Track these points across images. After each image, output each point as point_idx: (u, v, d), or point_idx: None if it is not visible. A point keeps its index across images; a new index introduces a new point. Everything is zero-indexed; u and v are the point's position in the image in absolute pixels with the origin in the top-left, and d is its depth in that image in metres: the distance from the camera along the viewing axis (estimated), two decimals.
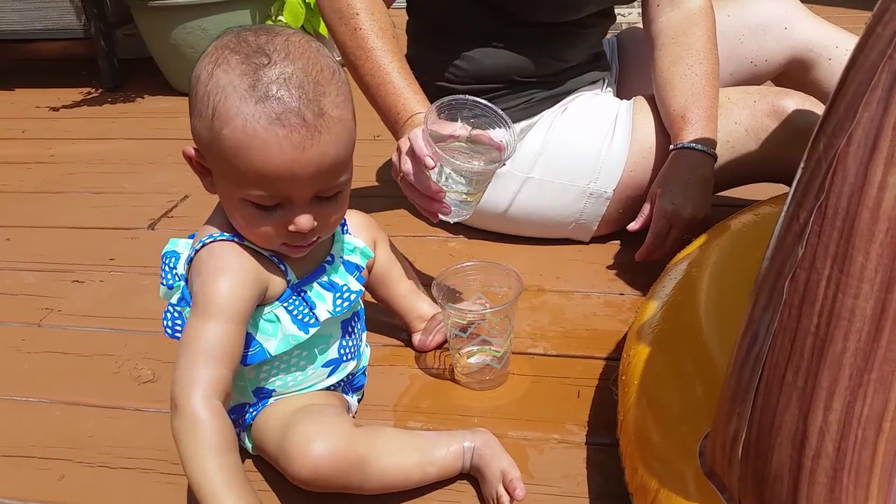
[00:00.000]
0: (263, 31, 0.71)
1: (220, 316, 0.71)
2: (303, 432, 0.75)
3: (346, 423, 0.80)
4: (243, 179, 0.70)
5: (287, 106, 0.67)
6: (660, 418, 0.73)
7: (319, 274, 0.82)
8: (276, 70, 0.68)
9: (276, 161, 0.68)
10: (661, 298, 0.89)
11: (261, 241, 0.76)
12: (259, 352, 0.78)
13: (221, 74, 0.68)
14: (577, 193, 1.24)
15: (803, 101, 1.17)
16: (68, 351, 1.10)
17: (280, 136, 0.67)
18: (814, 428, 0.50)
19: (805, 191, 0.51)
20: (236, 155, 0.68)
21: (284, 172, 0.69)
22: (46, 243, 1.44)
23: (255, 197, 0.71)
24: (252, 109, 0.67)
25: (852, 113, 0.48)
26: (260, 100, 0.67)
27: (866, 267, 0.47)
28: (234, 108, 0.67)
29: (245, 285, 0.74)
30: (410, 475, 0.78)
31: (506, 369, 0.97)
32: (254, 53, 0.69)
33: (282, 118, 0.67)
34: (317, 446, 0.73)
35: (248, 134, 0.67)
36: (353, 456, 0.74)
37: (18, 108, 2.33)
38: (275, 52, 0.69)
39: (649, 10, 1.29)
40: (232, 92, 0.67)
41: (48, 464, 0.89)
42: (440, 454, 0.79)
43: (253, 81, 0.67)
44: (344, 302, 0.81)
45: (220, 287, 0.72)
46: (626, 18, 2.63)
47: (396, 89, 1.04)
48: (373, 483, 0.76)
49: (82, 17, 2.37)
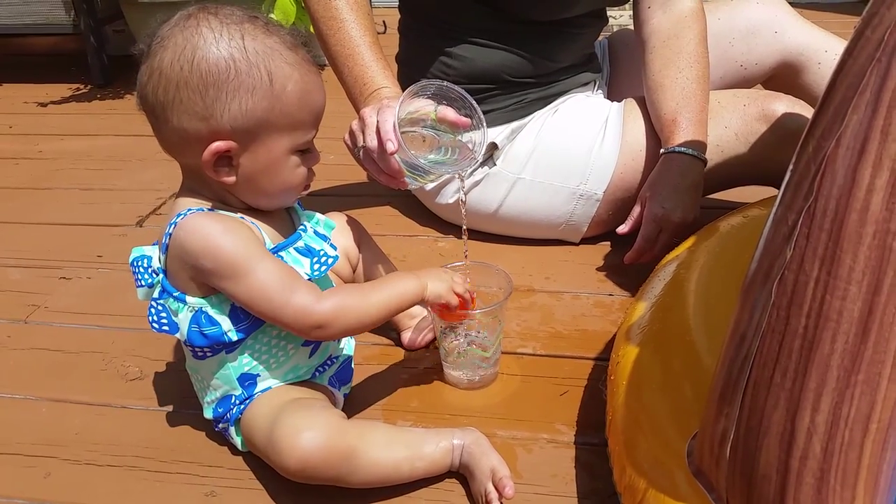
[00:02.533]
0: (219, 7, 0.77)
1: (253, 260, 0.75)
2: (292, 423, 0.76)
3: (335, 414, 0.81)
4: (303, 125, 0.79)
5: (304, 55, 0.79)
6: (648, 418, 0.73)
7: (295, 240, 0.83)
8: (272, 27, 0.77)
9: (321, 93, 0.81)
10: (650, 299, 0.90)
11: (291, 193, 0.83)
12: (253, 322, 0.80)
13: (255, 44, 0.74)
14: (567, 195, 1.24)
15: (793, 104, 1.18)
16: (55, 348, 1.09)
17: (316, 72, 0.80)
18: (801, 428, 0.50)
19: (794, 193, 0.51)
20: (302, 104, 0.77)
21: (323, 101, 0.81)
22: (33, 239, 1.43)
23: (307, 140, 0.80)
24: (297, 59, 0.77)
25: (841, 116, 0.48)
26: (295, 50, 0.77)
27: (854, 269, 0.48)
28: (287, 65, 0.76)
29: (246, 234, 0.77)
30: (399, 469, 0.79)
31: (495, 369, 0.97)
32: (249, 18, 0.76)
33: (307, 63, 0.79)
34: (305, 436, 0.74)
35: (305, 79, 0.77)
36: (343, 447, 0.75)
37: (6, 103, 2.32)
38: (258, 18, 0.77)
39: (640, 12, 1.29)
40: (273, 53, 0.75)
41: (34, 461, 0.88)
42: (429, 450, 0.80)
43: (279, 38, 0.76)
44: (322, 266, 0.82)
45: (230, 244, 0.75)
46: (618, 21, 2.64)
47: (364, 61, 1.06)
48: (361, 475, 0.77)
49: (72, 12, 2.36)
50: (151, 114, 0.77)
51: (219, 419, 0.86)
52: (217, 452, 0.88)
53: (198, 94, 0.73)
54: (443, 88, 0.88)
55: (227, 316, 0.79)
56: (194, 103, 0.73)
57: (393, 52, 1.34)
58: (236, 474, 0.85)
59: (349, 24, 1.07)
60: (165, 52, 0.74)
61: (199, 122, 0.74)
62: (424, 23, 1.27)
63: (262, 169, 0.79)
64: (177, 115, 0.74)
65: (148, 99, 0.76)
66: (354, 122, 0.96)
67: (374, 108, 0.92)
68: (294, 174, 0.81)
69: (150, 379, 1.01)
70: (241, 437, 0.85)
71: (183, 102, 0.73)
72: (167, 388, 0.99)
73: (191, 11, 0.75)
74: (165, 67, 0.73)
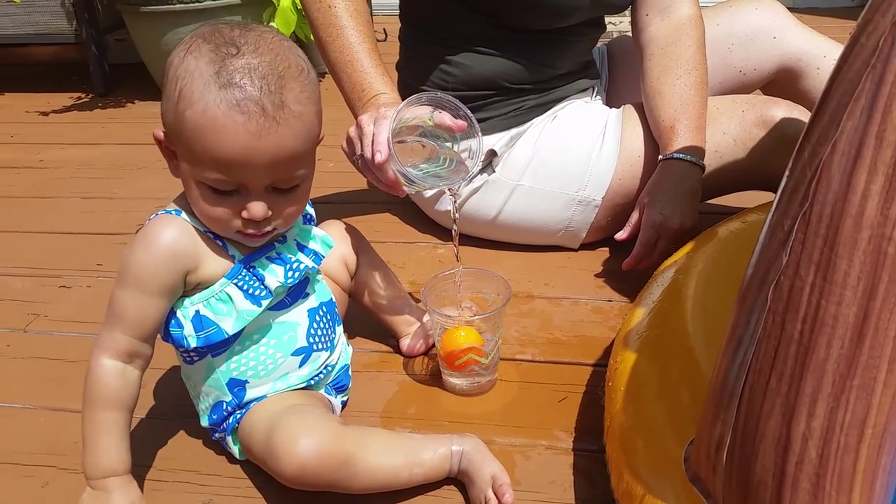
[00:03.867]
0: (239, 26, 0.74)
1: (131, 285, 0.76)
2: (289, 430, 0.76)
3: (333, 420, 0.80)
4: (201, 162, 0.72)
5: (247, 94, 0.69)
6: (646, 424, 0.73)
7: (268, 250, 0.82)
8: (242, 60, 0.70)
9: (233, 146, 0.70)
10: (649, 305, 0.90)
11: (215, 226, 0.77)
12: (216, 332, 0.78)
13: (191, 60, 0.71)
14: (566, 201, 1.24)
15: (791, 109, 1.18)
16: (54, 357, 1.09)
17: (238, 123, 0.69)
18: (797, 434, 0.50)
19: (790, 199, 0.51)
20: (196, 137, 0.71)
21: (240, 158, 0.71)
22: (34, 248, 1.44)
23: (212, 180, 0.73)
24: (214, 94, 0.69)
25: (836, 122, 0.48)
26: (223, 86, 0.69)
27: (849, 274, 0.48)
28: (198, 91, 0.69)
29: (161, 260, 0.75)
30: (397, 475, 0.79)
31: (493, 376, 0.97)
32: (224, 44, 0.71)
33: (241, 105, 0.69)
34: (303, 443, 0.74)
35: (207, 117, 0.69)
36: (340, 453, 0.75)
37: (7, 112, 2.33)
38: (245, 44, 0.71)
39: (638, 19, 1.29)
40: (198, 77, 0.70)
41: (32, 470, 0.88)
42: (427, 456, 0.80)
43: (219, 69, 0.70)
44: (295, 272, 0.82)
45: (135, 258, 0.76)
46: (617, 27, 2.65)
47: (363, 67, 1.06)
48: (359, 481, 0.77)
49: (73, 21, 2.37)
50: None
51: (214, 427, 0.86)
52: (215, 461, 0.88)
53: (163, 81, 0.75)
54: (438, 98, 0.89)
55: (189, 321, 0.79)
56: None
57: (393, 60, 1.34)
58: (234, 482, 0.85)
59: (348, 30, 1.07)
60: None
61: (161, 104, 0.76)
62: (423, 31, 1.28)
63: (186, 186, 0.77)
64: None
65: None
66: (352, 129, 0.96)
67: (371, 116, 0.92)
68: (213, 209, 0.75)
69: (148, 388, 1.01)
70: (239, 447, 0.85)
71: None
72: (165, 397, 0.99)
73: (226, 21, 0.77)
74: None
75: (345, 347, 0.96)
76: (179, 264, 0.76)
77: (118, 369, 0.76)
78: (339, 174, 1.59)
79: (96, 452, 0.74)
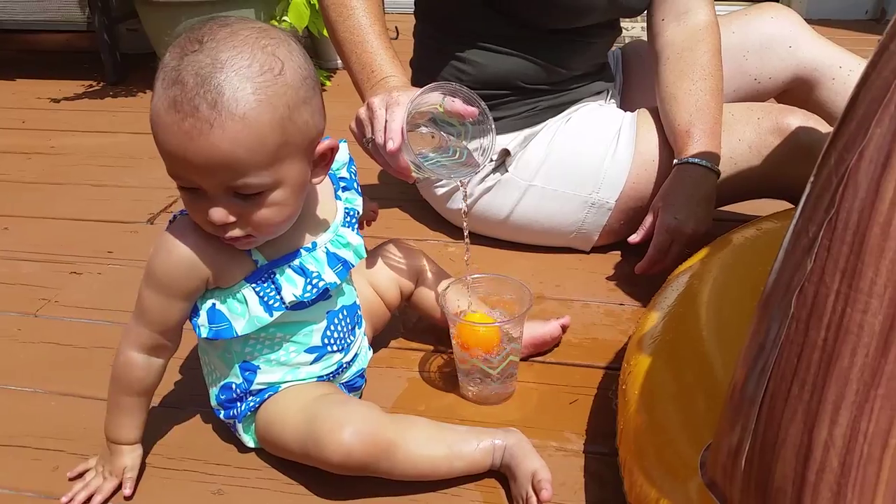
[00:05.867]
0: (225, 23, 0.71)
1: (154, 287, 0.78)
2: (333, 418, 0.77)
3: (374, 409, 0.81)
4: (164, 158, 0.72)
5: (184, 93, 0.67)
6: (660, 428, 0.73)
7: (293, 258, 0.81)
8: (195, 58, 0.68)
9: (171, 144, 0.69)
10: (663, 309, 0.89)
11: (196, 219, 0.76)
12: (227, 329, 0.79)
13: (166, 56, 0.70)
14: (579, 203, 1.24)
15: (807, 118, 1.18)
16: (64, 342, 1.10)
17: (172, 121, 0.68)
18: (819, 442, 0.50)
19: (815, 205, 0.51)
20: (153, 131, 0.70)
21: (178, 157, 0.69)
22: (45, 234, 1.44)
23: (172, 176, 0.73)
24: (161, 92, 0.69)
25: (864, 129, 0.48)
26: (169, 84, 0.68)
27: (875, 282, 0.47)
28: (157, 87, 0.69)
29: (182, 269, 0.76)
30: (437, 467, 0.80)
31: (506, 388, 0.95)
32: (192, 41, 0.69)
33: (176, 104, 0.67)
34: (348, 430, 0.76)
35: (155, 112, 0.69)
36: (383, 441, 0.77)
37: (19, 98, 2.33)
38: (210, 41, 0.69)
39: (654, 24, 1.29)
40: (161, 72, 0.69)
41: (42, 454, 0.88)
42: (469, 449, 0.81)
43: (175, 65, 0.68)
44: (313, 289, 0.80)
45: (158, 263, 0.77)
46: (630, 32, 2.64)
47: (373, 48, 1.06)
48: (400, 470, 0.78)
49: (86, 10, 2.37)
50: None
51: (221, 407, 0.86)
52: (225, 450, 0.88)
53: None
54: (454, 88, 0.88)
55: (205, 311, 0.80)
56: None
57: (407, 58, 1.34)
58: (244, 473, 0.85)
59: (359, 11, 1.07)
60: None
61: None
62: (439, 28, 1.28)
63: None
64: None
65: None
66: (362, 111, 0.95)
67: (383, 100, 0.91)
68: (189, 208, 0.75)
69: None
70: (252, 435, 0.85)
71: None
72: (176, 386, 0.99)
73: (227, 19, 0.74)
74: None
75: (365, 351, 0.95)
76: (199, 271, 0.77)
77: (143, 361, 0.80)
78: None
79: (115, 423, 0.82)
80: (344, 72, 1.15)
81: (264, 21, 2.18)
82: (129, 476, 0.82)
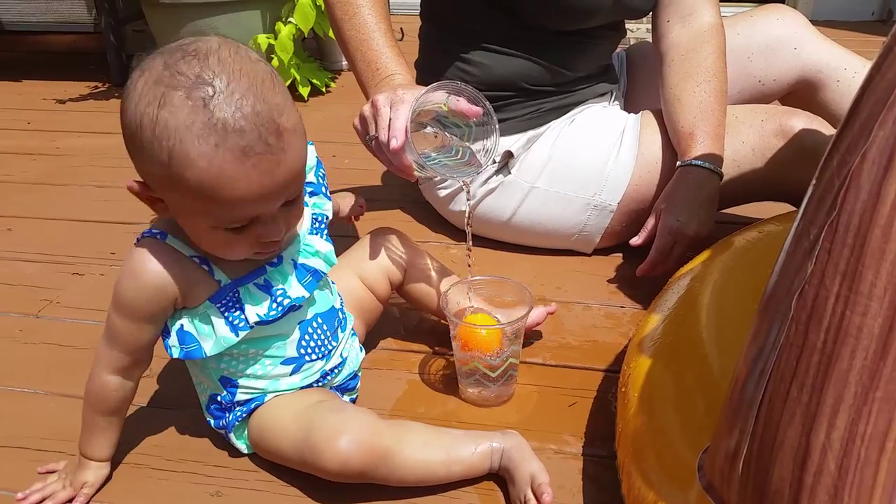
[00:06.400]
0: (191, 55, 0.67)
1: (122, 312, 0.77)
2: (329, 426, 0.77)
3: (369, 415, 0.81)
4: (213, 212, 0.69)
5: (249, 137, 0.65)
6: (659, 431, 0.73)
7: (258, 275, 0.79)
8: (223, 99, 0.65)
9: (249, 190, 0.67)
10: (664, 312, 0.89)
11: (232, 257, 0.76)
12: (196, 350, 0.79)
13: (168, 116, 0.65)
14: (581, 205, 1.24)
15: (811, 121, 1.17)
16: (65, 343, 1.10)
17: (249, 167, 0.66)
18: (816, 444, 0.50)
19: (816, 207, 0.51)
20: (203, 193, 0.67)
21: (256, 198, 0.68)
22: (48, 234, 1.44)
23: (226, 223, 0.71)
24: (213, 149, 0.65)
25: (867, 131, 0.48)
26: (220, 137, 0.65)
27: (876, 285, 0.47)
28: (195, 149, 0.65)
29: (148, 293, 0.76)
30: (435, 472, 0.79)
31: (505, 389, 0.95)
32: (194, 86, 0.65)
33: (247, 151, 0.65)
34: (345, 439, 0.76)
35: (214, 173, 0.66)
36: (380, 448, 0.76)
37: (25, 99, 2.33)
38: (215, 78, 0.66)
39: (659, 25, 1.29)
40: (186, 133, 0.65)
41: (42, 455, 0.88)
42: (467, 453, 0.80)
43: (206, 118, 0.64)
44: (279, 307, 0.79)
45: (124, 288, 0.77)
46: (635, 34, 2.64)
47: (378, 46, 1.05)
48: (398, 476, 0.78)
49: (93, 11, 2.38)
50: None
51: (211, 416, 0.86)
52: (223, 452, 0.88)
53: (125, 136, 0.70)
54: (459, 87, 0.87)
55: (175, 332, 0.79)
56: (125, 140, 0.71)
57: (411, 60, 1.34)
58: (242, 475, 0.85)
59: (365, 9, 1.07)
60: (129, 79, 0.70)
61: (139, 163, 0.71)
62: (443, 30, 1.28)
63: (188, 230, 0.75)
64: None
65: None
66: (366, 108, 0.94)
67: (387, 97, 0.91)
68: (224, 247, 0.74)
69: (157, 377, 1.01)
70: (245, 441, 0.86)
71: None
72: (175, 388, 0.99)
73: (167, 48, 0.68)
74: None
75: (356, 353, 0.94)
76: (166, 294, 0.76)
77: (117, 383, 0.81)
78: (353, 171, 1.59)
79: (87, 440, 0.83)
80: (348, 74, 1.16)
81: (270, 23, 2.19)
82: (86, 492, 0.82)
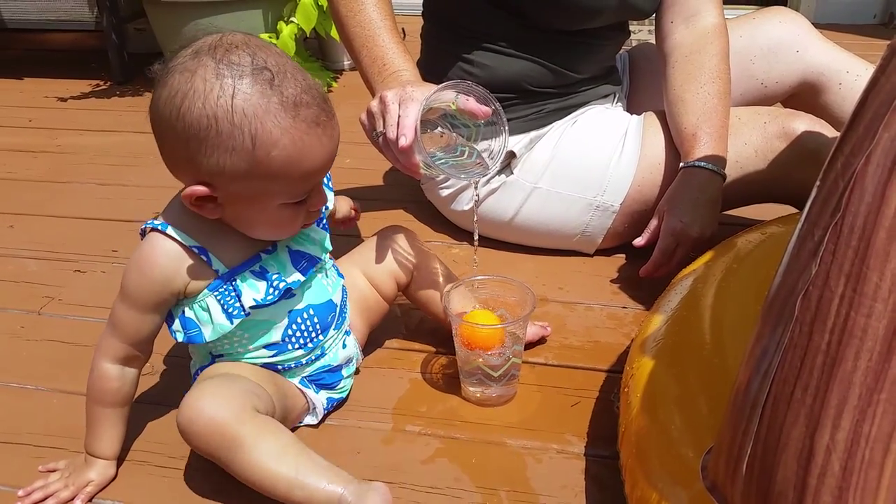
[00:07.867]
0: (235, 47, 0.73)
1: (127, 301, 0.80)
2: (205, 388, 0.78)
3: (250, 402, 0.77)
4: (290, 188, 0.76)
5: (314, 108, 0.74)
6: (662, 431, 0.73)
7: (253, 262, 0.82)
8: (282, 79, 0.73)
9: (322, 157, 0.76)
10: (667, 312, 0.89)
11: (287, 233, 0.82)
12: (197, 335, 0.82)
13: (243, 104, 0.71)
14: (583, 206, 1.24)
15: (813, 123, 1.18)
16: (67, 340, 1.10)
17: (321, 135, 0.75)
18: (820, 446, 0.50)
19: (821, 209, 0.51)
20: (288, 168, 0.74)
21: (326, 163, 0.77)
22: (50, 232, 1.44)
23: (298, 196, 0.78)
24: (292, 123, 0.73)
25: (872, 133, 0.48)
26: (294, 112, 0.73)
27: (880, 287, 0.47)
28: (277, 128, 0.72)
29: (153, 285, 0.79)
30: (275, 485, 0.74)
31: (508, 389, 0.95)
32: (255, 72, 0.72)
33: (317, 120, 0.74)
34: (203, 402, 0.75)
35: (298, 147, 0.73)
36: (230, 432, 0.74)
37: (27, 97, 2.33)
38: (266, 61, 0.73)
39: (663, 27, 1.29)
40: (266, 115, 0.71)
41: (44, 452, 0.88)
42: (314, 484, 0.73)
43: (278, 98, 0.72)
44: (275, 291, 0.81)
45: (130, 279, 0.80)
46: (637, 35, 2.64)
47: (384, 42, 1.05)
48: (235, 469, 0.75)
49: (94, 9, 2.38)
50: (154, 130, 0.77)
51: None
52: None
53: (181, 141, 0.73)
54: (469, 87, 0.87)
55: (178, 318, 0.82)
56: (178, 147, 0.74)
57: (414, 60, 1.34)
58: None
59: (370, 6, 1.07)
60: (164, 88, 0.73)
61: (184, 163, 0.75)
62: (446, 30, 1.28)
63: (247, 218, 0.79)
64: (167, 149, 0.76)
65: (151, 117, 0.76)
66: (374, 104, 0.94)
67: (396, 94, 0.90)
68: (286, 223, 0.81)
69: (160, 374, 1.01)
70: None
71: (169, 142, 0.75)
72: (177, 384, 0.99)
73: (199, 48, 0.73)
74: (161, 105, 0.73)
75: (345, 351, 0.94)
76: (169, 286, 0.79)
77: (117, 372, 0.82)
78: (355, 171, 1.59)
79: (92, 436, 0.83)
80: (349, 74, 1.16)
81: (272, 22, 2.19)
82: (88, 491, 0.82)
